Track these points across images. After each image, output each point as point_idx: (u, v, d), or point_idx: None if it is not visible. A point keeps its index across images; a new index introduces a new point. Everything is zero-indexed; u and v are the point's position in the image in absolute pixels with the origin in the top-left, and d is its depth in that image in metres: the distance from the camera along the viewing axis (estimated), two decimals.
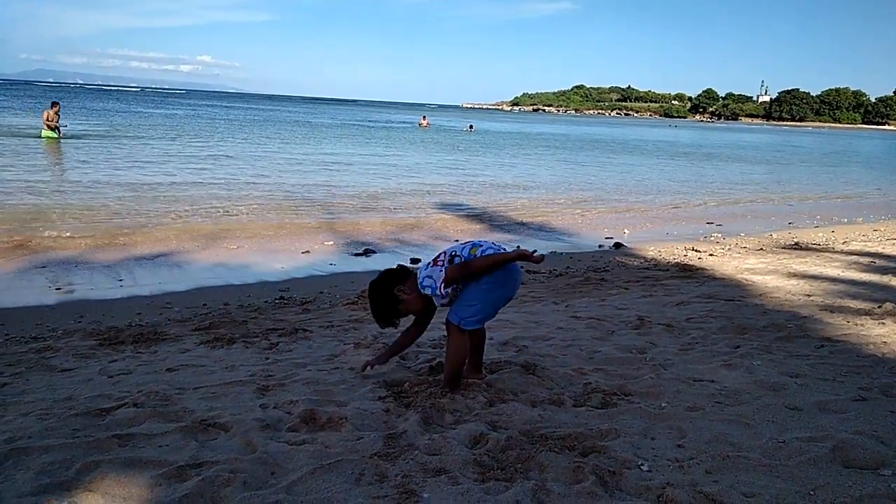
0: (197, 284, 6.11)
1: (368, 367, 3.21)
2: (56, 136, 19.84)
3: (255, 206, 10.59)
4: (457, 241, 7.96)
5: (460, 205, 12.22)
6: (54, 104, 20.36)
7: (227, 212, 10.01)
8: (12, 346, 4.11)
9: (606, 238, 9.33)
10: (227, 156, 18.82)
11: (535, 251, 2.80)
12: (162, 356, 3.78)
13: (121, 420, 2.61)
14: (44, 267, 6.45)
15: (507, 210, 11.81)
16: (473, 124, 48.75)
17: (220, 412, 2.70)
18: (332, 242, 8.33)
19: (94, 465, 2.20)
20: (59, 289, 5.75)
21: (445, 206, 11.89)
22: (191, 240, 7.93)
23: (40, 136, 19.74)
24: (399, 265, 3.06)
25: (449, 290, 2.83)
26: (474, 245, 2.89)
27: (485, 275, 2.82)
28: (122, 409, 2.72)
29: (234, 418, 2.61)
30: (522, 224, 10.50)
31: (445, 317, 2.91)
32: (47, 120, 19.87)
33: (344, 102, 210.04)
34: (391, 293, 2.90)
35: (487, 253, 2.84)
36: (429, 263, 2.91)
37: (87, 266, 6.60)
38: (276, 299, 5.55)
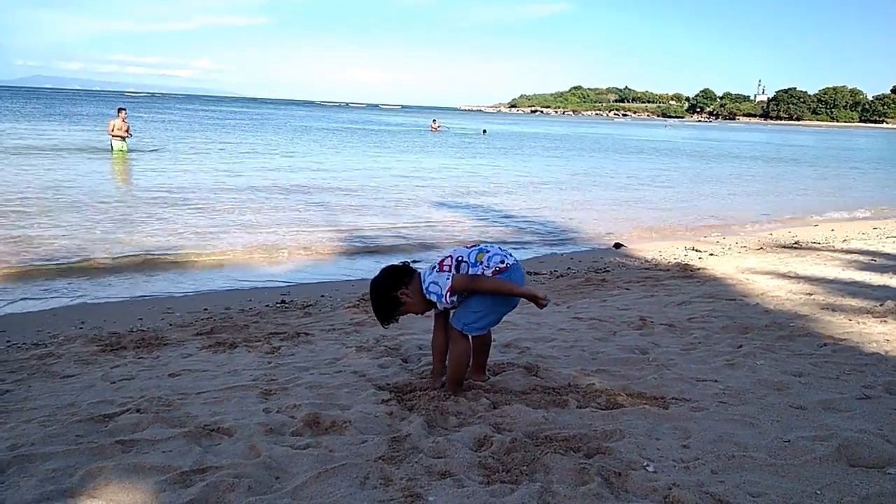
0: (198, 289, 6.11)
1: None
2: (125, 148, 17.68)
3: (256, 209, 10.59)
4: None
5: (467, 205, 12.26)
6: (121, 111, 17.80)
7: (227, 214, 10.01)
8: (14, 352, 4.10)
9: (607, 237, 9.33)
10: (225, 161, 18.83)
11: (544, 297, 2.80)
12: (164, 361, 3.77)
13: (124, 426, 2.60)
14: (45, 272, 6.44)
15: (511, 210, 11.82)
16: (486, 129, 50.05)
17: (224, 417, 2.69)
18: (333, 244, 8.32)
19: (97, 472, 2.19)
20: (60, 295, 5.74)
21: (452, 208, 11.91)
22: (190, 243, 7.92)
23: (111, 149, 17.56)
24: (403, 262, 2.97)
25: (454, 297, 2.80)
26: (481, 251, 2.85)
27: (490, 294, 2.81)
28: (124, 415, 2.72)
29: (237, 423, 2.60)
30: (525, 222, 10.50)
31: (449, 321, 2.90)
32: (114, 130, 17.47)
33: (342, 105, 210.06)
34: (394, 296, 2.84)
35: (495, 260, 2.81)
36: (434, 267, 2.86)
37: (86, 271, 6.59)
38: (277, 303, 5.54)
